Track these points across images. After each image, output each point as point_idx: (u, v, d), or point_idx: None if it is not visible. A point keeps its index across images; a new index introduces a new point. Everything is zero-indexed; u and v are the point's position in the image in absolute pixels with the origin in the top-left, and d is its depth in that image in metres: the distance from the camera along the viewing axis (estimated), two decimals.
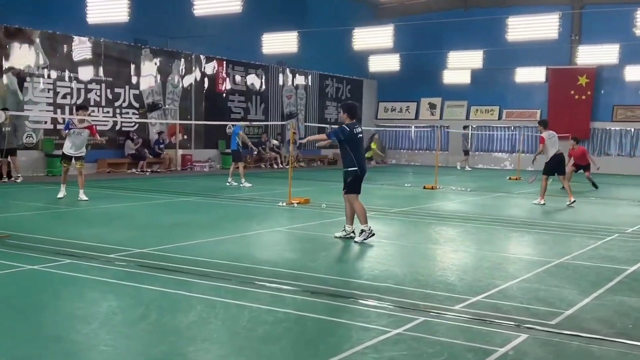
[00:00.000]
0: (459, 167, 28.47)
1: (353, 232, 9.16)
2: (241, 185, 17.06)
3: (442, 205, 14.59)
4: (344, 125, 9.08)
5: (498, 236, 10.26)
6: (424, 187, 18.11)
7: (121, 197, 14.26)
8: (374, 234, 8.92)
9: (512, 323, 5.31)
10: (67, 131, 12.74)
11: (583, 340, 4.96)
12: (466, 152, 29.15)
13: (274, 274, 6.79)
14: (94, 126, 13.37)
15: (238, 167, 17.32)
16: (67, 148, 12.83)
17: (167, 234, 9.38)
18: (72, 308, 5.45)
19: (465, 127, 30.36)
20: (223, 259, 7.54)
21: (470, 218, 12.17)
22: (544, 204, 14.43)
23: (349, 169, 9.07)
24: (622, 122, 28.37)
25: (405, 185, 18.94)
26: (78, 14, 17.06)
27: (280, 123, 26.69)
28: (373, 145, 21.77)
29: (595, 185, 18.92)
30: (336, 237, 9.27)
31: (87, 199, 12.79)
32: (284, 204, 13.24)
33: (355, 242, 8.91)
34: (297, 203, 13.30)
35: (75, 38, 20.00)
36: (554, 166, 14.62)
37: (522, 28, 18.49)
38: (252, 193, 15.73)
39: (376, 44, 20.39)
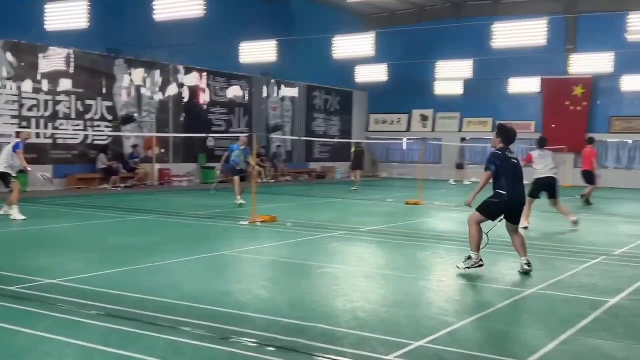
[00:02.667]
0: (452, 182, 26.81)
1: (481, 260, 7.95)
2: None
3: (420, 222, 13.56)
4: (496, 151, 8.27)
5: None
6: (406, 203, 17.11)
7: (74, 215, 13.27)
8: (481, 265, 7.89)
9: None
10: (19, 150, 12.42)
11: None
12: (459, 166, 27.68)
13: (187, 312, 5.76)
14: None
15: (234, 182, 15.74)
16: (13, 167, 12.54)
17: (97, 259, 8.38)
18: None
19: (463, 139, 29.22)
20: (136, 291, 6.51)
21: (445, 237, 11.12)
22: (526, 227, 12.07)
23: (497, 190, 8.19)
24: (618, 134, 27.32)
25: (387, 200, 17.93)
26: (43, 23, 16.23)
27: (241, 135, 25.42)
28: None
29: None
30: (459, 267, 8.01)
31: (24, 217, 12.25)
32: (247, 222, 12.28)
33: (457, 267, 7.96)
34: (260, 221, 12.32)
35: (43, 47, 19.11)
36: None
37: (509, 34, 17.51)
38: (219, 210, 14.75)
39: (357, 52, 19.44)
